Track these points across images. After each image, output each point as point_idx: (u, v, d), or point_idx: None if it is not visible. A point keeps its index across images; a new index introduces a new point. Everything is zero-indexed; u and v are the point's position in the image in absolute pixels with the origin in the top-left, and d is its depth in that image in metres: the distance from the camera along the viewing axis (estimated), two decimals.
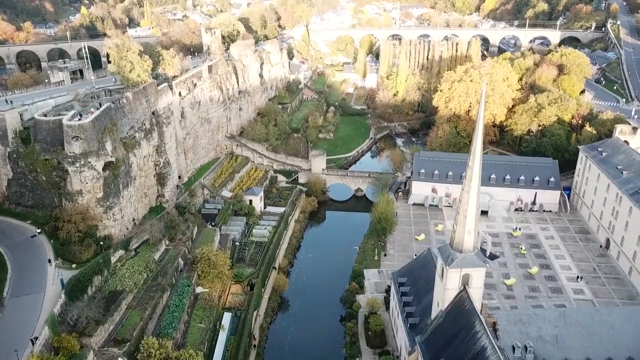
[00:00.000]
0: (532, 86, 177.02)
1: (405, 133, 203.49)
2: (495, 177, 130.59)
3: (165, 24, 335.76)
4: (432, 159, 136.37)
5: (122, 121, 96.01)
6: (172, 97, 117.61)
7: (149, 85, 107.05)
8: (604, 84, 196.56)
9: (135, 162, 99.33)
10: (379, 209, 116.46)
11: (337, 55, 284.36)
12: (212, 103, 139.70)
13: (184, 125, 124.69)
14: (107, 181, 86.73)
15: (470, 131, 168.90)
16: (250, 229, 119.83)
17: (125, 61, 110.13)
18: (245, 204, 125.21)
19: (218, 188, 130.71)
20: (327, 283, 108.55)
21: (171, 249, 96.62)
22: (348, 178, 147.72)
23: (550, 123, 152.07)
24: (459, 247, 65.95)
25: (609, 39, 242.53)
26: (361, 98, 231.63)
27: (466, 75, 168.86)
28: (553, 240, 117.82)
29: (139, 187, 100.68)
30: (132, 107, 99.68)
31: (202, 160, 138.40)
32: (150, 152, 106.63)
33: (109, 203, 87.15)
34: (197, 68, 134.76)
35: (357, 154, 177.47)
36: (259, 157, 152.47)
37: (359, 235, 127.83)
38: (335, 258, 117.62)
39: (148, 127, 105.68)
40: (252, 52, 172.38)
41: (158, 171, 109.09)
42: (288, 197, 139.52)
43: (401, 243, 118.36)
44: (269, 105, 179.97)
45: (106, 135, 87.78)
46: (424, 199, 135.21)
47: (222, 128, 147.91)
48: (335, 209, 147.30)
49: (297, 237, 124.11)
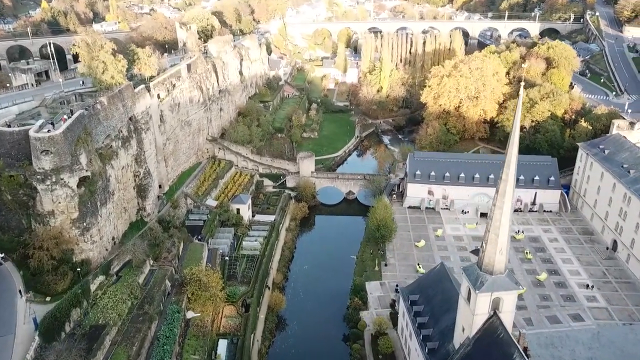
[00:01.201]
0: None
1: (390, 130, 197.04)
2: (494, 177, 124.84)
3: (133, 18, 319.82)
4: (427, 160, 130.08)
5: (97, 129, 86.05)
6: (150, 100, 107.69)
7: (125, 88, 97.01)
8: (589, 76, 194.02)
9: (114, 174, 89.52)
10: (377, 216, 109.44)
11: (315, 50, 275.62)
12: (192, 104, 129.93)
13: (163, 130, 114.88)
14: (82, 199, 76.93)
15: (461, 128, 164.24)
16: (240, 241, 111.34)
17: (97, 61, 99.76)
18: (233, 214, 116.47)
19: (202, 197, 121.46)
20: (326, 298, 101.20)
21: (156, 269, 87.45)
22: (339, 181, 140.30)
23: (544, 119, 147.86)
24: (489, 269, 59.21)
25: (589, 31, 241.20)
26: (343, 94, 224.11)
27: (455, 71, 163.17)
28: (557, 242, 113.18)
29: (118, 202, 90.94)
30: (107, 113, 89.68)
31: (183, 166, 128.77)
32: (129, 162, 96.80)
33: (86, 224, 77.39)
34: (175, 67, 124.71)
35: (344, 154, 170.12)
36: (243, 161, 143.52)
37: (354, 242, 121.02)
38: (332, 269, 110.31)
39: (125, 135, 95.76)
40: (232, 48, 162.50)
41: (138, 182, 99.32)
42: (276, 204, 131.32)
43: (401, 251, 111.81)
44: (250, 104, 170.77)
45: (80, 146, 77.87)
46: (420, 201, 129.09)
47: (202, 131, 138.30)
48: (326, 213, 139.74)
49: (289, 247, 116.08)
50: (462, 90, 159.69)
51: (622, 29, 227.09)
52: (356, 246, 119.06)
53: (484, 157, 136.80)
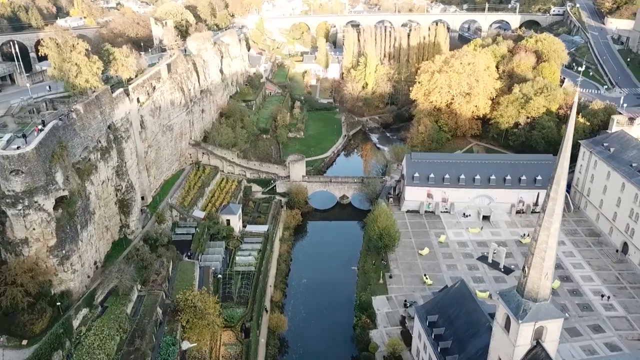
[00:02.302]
0: (511, 75, 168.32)
1: (378, 128, 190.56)
2: (495, 178, 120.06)
3: (99, 13, 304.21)
4: (425, 161, 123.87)
5: (73, 142, 76.49)
6: (129, 105, 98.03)
7: (103, 93, 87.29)
8: (576, 69, 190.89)
9: (94, 191, 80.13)
10: (378, 224, 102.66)
11: (294, 45, 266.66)
12: (173, 107, 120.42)
13: (144, 137, 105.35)
14: (60, 223, 67.63)
15: (453, 125, 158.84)
16: (232, 255, 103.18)
17: (69, 64, 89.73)
18: (223, 225, 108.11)
19: (188, 207, 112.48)
20: (330, 315, 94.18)
21: (145, 295, 78.70)
22: (332, 185, 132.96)
23: (539, 115, 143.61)
24: (532, 295, 52.96)
25: (571, 23, 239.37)
26: (326, 91, 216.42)
27: (447, 66, 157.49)
28: (565, 246, 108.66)
29: (99, 221, 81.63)
30: (84, 122, 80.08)
31: (165, 175, 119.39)
32: (110, 175, 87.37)
33: (65, 251, 68.14)
34: (154, 67, 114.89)
35: (333, 155, 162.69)
36: (229, 166, 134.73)
37: (352, 250, 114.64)
38: (333, 282, 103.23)
39: (105, 145, 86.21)
40: (212, 45, 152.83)
41: (120, 197, 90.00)
42: (267, 212, 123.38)
43: (404, 260, 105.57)
44: (233, 104, 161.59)
45: (55, 163, 68.44)
46: (419, 205, 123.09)
47: (185, 135, 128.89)
48: (319, 219, 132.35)
49: (285, 259, 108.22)
50: (455, 86, 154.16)
51: (604, 21, 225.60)
52: (355, 255, 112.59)
53: (485, 157, 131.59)
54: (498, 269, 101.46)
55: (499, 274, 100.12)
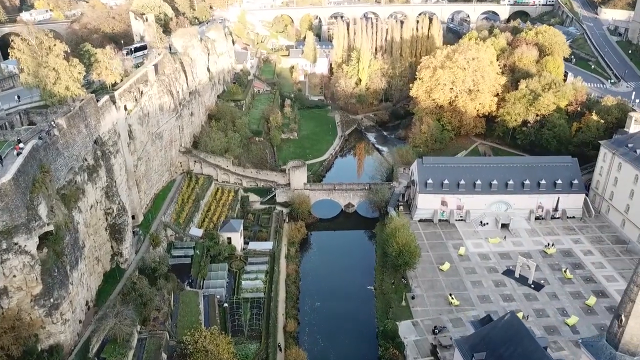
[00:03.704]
0: (513, 69, 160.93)
1: (373, 126, 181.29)
2: (513, 183, 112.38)
3: (66, 5, 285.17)
4: (438, 166, 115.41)
5: (56, 163, 64.82)
6: (116, 113, 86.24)
7: (87, 102, 75.35)
8: (574, 62, 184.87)
9: (82, 219, 68.63)
10: (398, 240, 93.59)
11: (277, 38, 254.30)
12: (162, 113, 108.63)
13: (133, 149, 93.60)
14: (46, 266, 56.25)
15: (457, 124, 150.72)
16: (237, 279, 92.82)
17: (46, 69, 77.32)
18: (224, 245, 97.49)
19: (183, 225, 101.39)
20: (351, 345, 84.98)
21: (147, 338, 68.03)
22: (336, 192, 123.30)
23: (549, 112, 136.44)
24: (629, 348, 44.61)
25: (563, 13, 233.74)
26: (316, 87, 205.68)
27: (450, 62, 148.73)
28: (593, 256, 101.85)
29: (89, 253, 70.15)
30: (67, 139, 68.33)
31: (156, 187, 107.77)
32: (98, 197, 75.79)
33: (54, 299, 56.80)
34: (140, 69, 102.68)
35: (331, 157, 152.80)
36: (224, 174, 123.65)
37: (364, 265, 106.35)
38: (349, 304, 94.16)
39: (92, 164, 74.53)
40: (198, 42, 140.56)
41: (111, 222, 78.53)
42: (269, 224, 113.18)
43: (425, 277, 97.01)
44: (223, 105, 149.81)
45: (37, 192, 56.88)
46: (432, 213, 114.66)
47: (175, 142, 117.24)
48: (323, 229, 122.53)
49: (293, 280, 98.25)
50: (459, 83, 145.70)
51: (598, 11, 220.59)
52: (368, 271, 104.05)
53: (501, 160, 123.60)
54: (527, 284, 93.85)
55: (528, 291, 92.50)
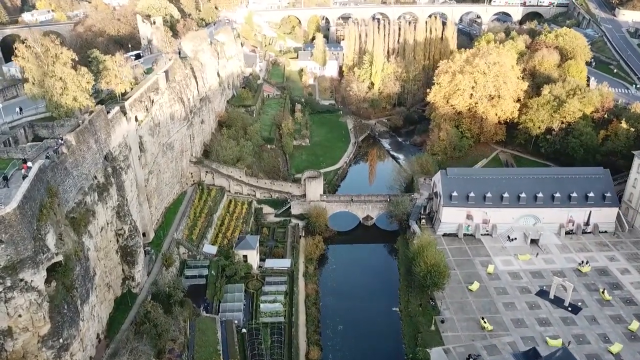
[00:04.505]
0: (533, 74, 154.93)
1: (387, 132, 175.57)
2: (543, 196, 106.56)
3: (68, 5, 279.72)
4: (463, 177, 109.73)
5: (65, 184, 59.15)
6: (127, 125, 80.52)
7: (97, 115, 69.63)
8: (594, 65, 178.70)
9: (92, 244, 62.96)
10: (427, 260, 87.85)
11: (285, 40, 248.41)
12: (173, 122, 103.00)
13: (144, 162, 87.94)
14: (55, 302, 50.60)
15: (477, 131, 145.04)
16: (255, 301, 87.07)
17: (53, 79, 71.69)
18: (240, 264, 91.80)
19: (196, 241, 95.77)
20: None
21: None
22: (354, 204, 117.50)
23: (575, 119, 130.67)
24: None
25: (579, 14, 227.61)
26: (326, 91, 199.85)
27: (469, 66, 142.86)
28: (631, 275, 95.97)
29: (99, 281, 64.47)
30: (77, 156, 62.66)
31: (167, 201, 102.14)
32: (109, 218, 70.14)
33: (63, 339, 51.10)
34: (151, 76, 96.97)
35: (345, 165, 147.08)
36: (237, 185, 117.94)
37: (386, 283, 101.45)
38: (373, 328, 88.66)
39: (102, 182, 68.87)
40: (208, 45, 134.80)
41: (122, 244, 72.87)
42: (284, 239, 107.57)
43: (453, 298, 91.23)
44: (233, 112, 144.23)
45: (45, 220, 51.23)
46: (457, 227, 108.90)
47: (186, 152, 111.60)
48: (340, 242, 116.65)
49: (314, 301, 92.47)
50: (480, 89, 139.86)
51: (615, 12, 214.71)
52: (391, 290, 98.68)
53: (529, 171, 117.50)
54: (563, 307, 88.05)
55: (565, 314, 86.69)
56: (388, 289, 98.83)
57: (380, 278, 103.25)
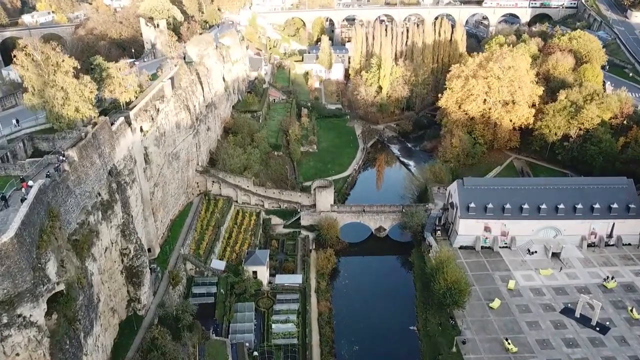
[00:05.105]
0: (547, 78, 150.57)
1: (396, 137, 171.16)
2: (564, 207, 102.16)
3: (69, 6, 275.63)
4: (481, 188, 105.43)
5: (66, 205, 54.85)
6: (132, 137, 76.24)
7: (101, 128, 65.32)
8: (607, 68, 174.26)
9: (96, 268, 58.63)
10: (446, 276, 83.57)
11: (289, 43, 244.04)
12: (179, 130, 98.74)
13: (150, 175, 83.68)
14: (56, 338, 46.29)
15: (490, 137, 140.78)
16: (266, 320, 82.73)
17: (54, 88, 67.43)
18: (250, 281, 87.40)
19: (204, 256, 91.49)
20: None
21: None
22: (366, 215, 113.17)
23: (594, 126, 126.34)
24: None
25: (590, 16, 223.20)
26: (332, 95, 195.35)
27: (483, 70, 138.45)
28: None
29: (104, 307, 60.14)
30: (79, 173, 58.36)
31: (172, 213, 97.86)
32: (114, 237, 65.85)
33: None
34: (156, 83, 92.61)
35: (354, 172, 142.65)
36: (244, 195, 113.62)
37: (402, 299, 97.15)
38: (391, 348, 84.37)
39: (107, 199, 64.56)
40: (214, 49, 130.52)
41: (127, 264, 68.55)
42: (294, 252, 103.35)
43: (474, 317, 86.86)
44: (239, 118, 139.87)
45: (45, 247, 46.97)
46: (474, 240, 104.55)
47: (192, 161, 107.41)
48: (351, 254, 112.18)
49: (327, 320, 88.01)
50: (494, 94, 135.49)
51: (627, 14, 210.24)
52: (408, 307, 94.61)
53: (549, 181, 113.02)
54: (590, 326, 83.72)
55: (593, 334, 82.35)
56: (404, 306, 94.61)
57: (395, 293, 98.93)
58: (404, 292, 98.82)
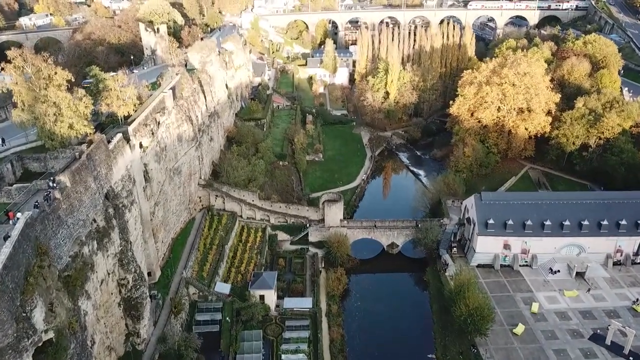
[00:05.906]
0: (562, 84, 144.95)
1: (404, 144, 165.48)
2: (588, 224, 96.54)
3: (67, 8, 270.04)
4: (500, 203, 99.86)
5: (57, 237, 49.14)
6: (130, 154, 70.44)
7: (97, 147, 59.54)
8: (622, 73, 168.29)
9: (91, 306, 52.85)
10: (469, 302, 77.91)
11: (292, 46, 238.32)
12: (181, 144, 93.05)
13: (150, 193, 77.95)
14: None
15: (504, 146, 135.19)
16: (275, 349, 77.00)
17: (45, 104, 61.72)
18: (256, 305, 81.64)
19: (207, 279, 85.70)
20: None
21: None
22: (378, 231, 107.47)
23: (614, 135, 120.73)
24: None
25: (601, 19, 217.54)
26: (337, 100, 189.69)
27: (497, 77, 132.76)
28: None
29: (99, 348, 54.36)
30: (72, 201, 52.62)
31: (173, 231, 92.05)
32: (110, 268, 60.11)
33: None
34: (156, 94, 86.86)
35: (363, 183, 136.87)
36: (249, 209, 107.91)
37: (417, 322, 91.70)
38: None
39: (103, 225, 58.82)
40: (216, 55, 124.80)
41: (125, 295, 62.80)
42: (303, 272, 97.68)
43: (497, 344, 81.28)
44: (243, 126, 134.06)
45: (31, 292, 41.27)
46: (493, 258, 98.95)
47: (194, 175, 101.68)
48: (362, 271, 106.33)
49: (340, 348, 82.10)
50: (509, 101, 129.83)
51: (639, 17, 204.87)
52: (424, 329, 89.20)
53: (572, 195, 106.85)
54: (623, 355, 78.06)
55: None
56: (420, 330, 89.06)
57: (410, 316, 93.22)
58: (419, 314, 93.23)
